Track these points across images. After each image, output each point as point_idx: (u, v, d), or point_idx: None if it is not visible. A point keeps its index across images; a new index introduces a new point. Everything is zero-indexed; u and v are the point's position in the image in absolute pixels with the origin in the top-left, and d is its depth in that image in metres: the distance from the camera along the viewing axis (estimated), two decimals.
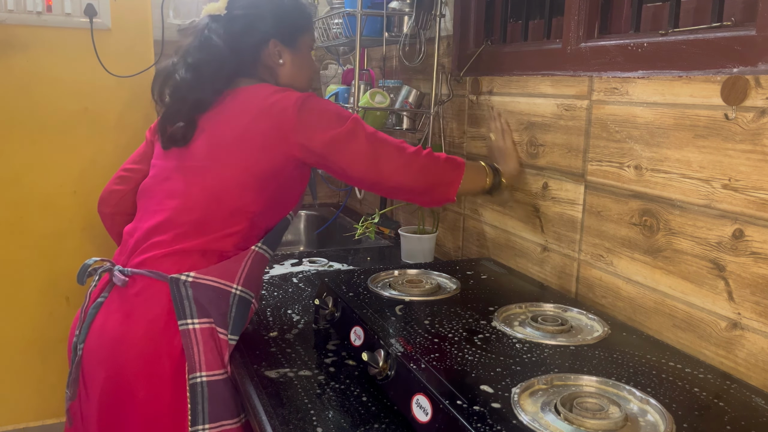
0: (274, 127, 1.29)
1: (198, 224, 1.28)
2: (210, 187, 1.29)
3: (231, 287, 1.29)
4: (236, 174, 1.29)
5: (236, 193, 1.29)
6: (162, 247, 1.28)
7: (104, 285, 1.32)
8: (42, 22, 2.09)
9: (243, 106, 1.33)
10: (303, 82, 1.48)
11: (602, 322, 1.20)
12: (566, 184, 1.47)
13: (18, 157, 2.14)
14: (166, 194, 1.33)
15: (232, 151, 1.30)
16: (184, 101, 1.34)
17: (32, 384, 2.24)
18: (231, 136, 1.30)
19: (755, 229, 1.04)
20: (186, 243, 1.28)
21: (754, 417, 0.89)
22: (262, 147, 1.29)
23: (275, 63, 1.42)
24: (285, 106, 1.29)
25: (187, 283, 1.24)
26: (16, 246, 2.18)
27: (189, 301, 1.24)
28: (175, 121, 1.35)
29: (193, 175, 1.31)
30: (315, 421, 1.02)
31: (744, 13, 1.11)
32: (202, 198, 1.29)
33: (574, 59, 1.42)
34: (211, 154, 1.31)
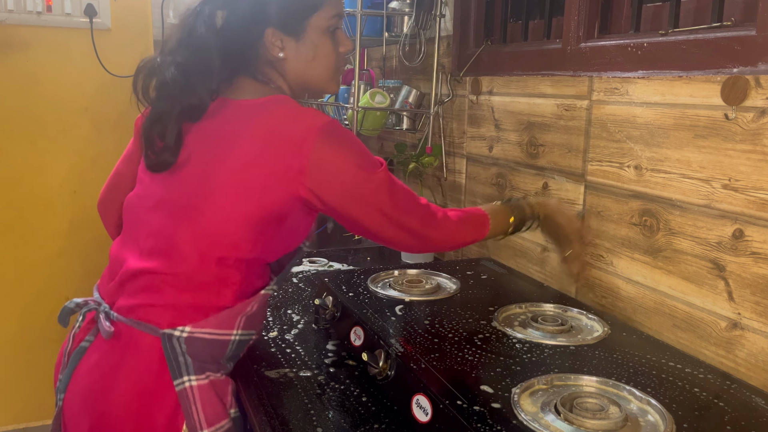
0: (282, 165, 1.04)
1: (189, 278, 1.09)
2: (201, 235, 1.08)
3: (230, 335, 1.12)
4: (232, 220, 1.07)
5: (231, 242, 1.08)
6: (152, 297, 1.10)
7: (89, 326, 1.16)
8: (42, 22, 2.09)
9: (243, 127, 1.09)
10: (320, 77, 1.18)
11: (602, 322, 1.20)
12: (566, 184, 1.47)
13: (18, 157, 2.14)
14: (154, 232, 1.12)
15: (227, 191, 1.07)
16: (174, 101, 1.11)
17: (32, 384, 2.23)
18: (227, 169, 1.07)
19: (755, 229, 1.04)
20: (178, 297, 1.10)
21: (754, 417, 0.89)
22: (265, 188, 1.05)
23: (275, 57, 1.14)
24: (297, 138, 1.04)
25: (182, 338, 1.08)
26: (16, 246, 2.18)
27: (184, 357, 1.08)
28: (162, 126, 1.11)
29: (181, 214, 1.09)
30: (315, 421, 1.02)
31: (744, 13, 1.11)
32: (192, 247, 1.08)
33: (574, 59, 1.42)
34: (202, 189, 1.08)
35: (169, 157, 1.10)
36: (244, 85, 1.15)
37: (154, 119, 1.12)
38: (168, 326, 1.08)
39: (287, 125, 1.06)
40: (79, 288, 2.19)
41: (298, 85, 1.18)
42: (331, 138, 1.04)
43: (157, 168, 1.11)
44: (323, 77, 1.18)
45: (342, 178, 1.05)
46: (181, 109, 1.10)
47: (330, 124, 1.05)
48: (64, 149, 2.18)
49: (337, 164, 1.04)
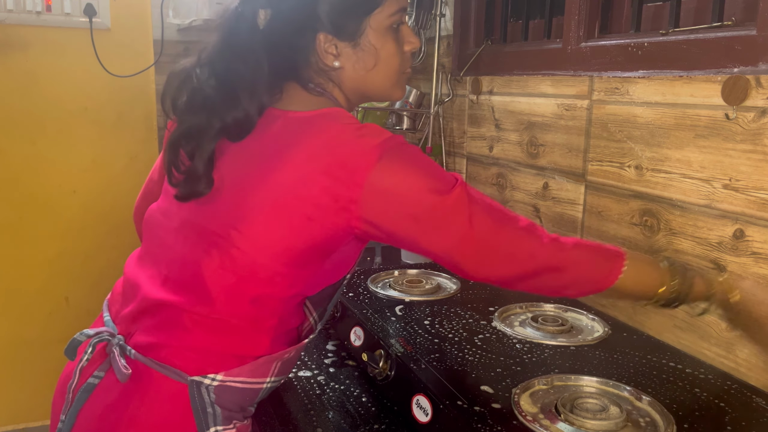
0: (330, 193, 0.87)
1: (219, 320, 0.94)
2: (231, 269, 0.92)
3: (263, 383, 0.98)
4: (268, 253, 0.91)
5: (267, 278, 0.92)
6: (177, 336, 0.95)
7: (98, 359, 0.98)
8: (41, 21, 2.08)
9: (288, 146, 0.91)
10: (383, 84, 1.01)
11: (603, 323, 1.20)
12: (567, 184, 1.47)
13: (18, 157, 2.14)
14: (178, 259, 0.96)
15: (264, 219, 0.90)
16: (213, 116, 0.94)
17: (32, 384, 2.23)
18: (266, 194, 0.90)
19: (756, 229, 1.04)
20: (208, 340, 0.94)
21: (754, 417, 0.89)
22: (309, 218, 0.88)
23: (330, 66, 0.97)
24: (349, 163, 0.87)
25: (212, 387, 0.93)
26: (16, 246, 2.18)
27: (213, 407, 0.94)
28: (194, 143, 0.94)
29: (209, 244, 0.93)
30: (315, 421, 1.02)
31: (744, 12, 1.11)
32: (221, 284, 0.92)
33: (574, 59, 1.42)
34: (235, 216, 0.92)
35: (203, 188, 0.93)
36: (293, 93, 0.98)
37: (184, 134, 0.95)
38: (197, 372, 0.92)
39: (339, 146, 0.88)
40: (79, 288, 2.19)
41: (357, 95, 1.02)
42: (391, 159, 0.87)
43: (187, 198, 0.95)
44: (386, 84, 1.01)
45: (408, 205, 0.87)
46: (221, 126, 0.93)
47: (388, 142, 0.88)
48: (63, 149, 2.18)
49: (401, 189, 0.87)
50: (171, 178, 0.96)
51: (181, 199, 0.94)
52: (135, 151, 2.21)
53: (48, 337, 2.22)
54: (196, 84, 0.96)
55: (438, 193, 0.87)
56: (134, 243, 1.18)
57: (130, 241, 2.13)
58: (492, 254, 0.89)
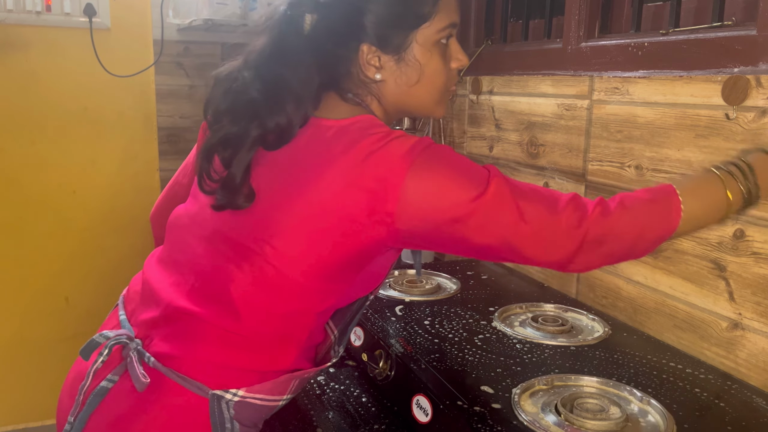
0: (365, 207, 0.84)
1: (244, 338, 0.91)
2: (263, 289, 0.89)
3: (279, 400, 0.96)
4: (303, 271, 0.88)
5: (300, 293, 0.90)
6: (200, 348, 0.92)
7: (112, 362, 0.95)
8: (41, 21, 2.08)
9: (321, 157, 0.88)
10: (425, 101, 0.98)
11: (603, 323, 1.20)
12: (567, 184, 1.47)
13: (17, 157, 2.14)
14: (206, 270, 0.93)
15: (298, 233, 0.87)
16: (253, 123, 0.90)
17: (32, 384, 2.23)
18: (300, 206, 0.87)
19: (756, 229, 1.04)
20: (232, 356, 0.92)
21: (754, 417, 0.89)
22: (345, 233, 0.86)
23: (371, 78, 0.94)
24: (382, 174, 0.84)
25: (232, 402, 0.91)
26: (16, 246, 2.18)
27: (231, 423, 0.92)
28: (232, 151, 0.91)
29: (240, 257, 0.90)
30: (315, 421, 1.02)
31: (745, 12, 1.11)
32: (251, 300, 0.90)
33: (574, 59, 1.42)
34: (268, 229, 0.89)
35: (242, 201, 0.90)
36: (330, 102, 0.95)
37: (222, 141, 0.92)
38: (218, 386, 0.90)
39: (371, 158, 0.85)
40: (79, 288, 2.19)
41: (396, 109, 0.98)
42: (422, 166, 0.84)
43: (223, 208, 0.91)
44: (428, 101, 0.97)
45: (446, 210, 0.84)
46: (261, 133, 0.90)
47: (417, 146, 0.85)
48: (63, 149, 2.18)
49: (437, 195, 0.84)
50: (203, 185, 0.93)
51: (216, 209, 0.91)
52: (135, 151, 2.21)
53: (48, 337, 2.22)
54: (240, 87, 0.92)
55: (475, 192, 0.84)
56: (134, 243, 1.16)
57: (130, 241, 2.14)
58: (548, 236, 0.86)
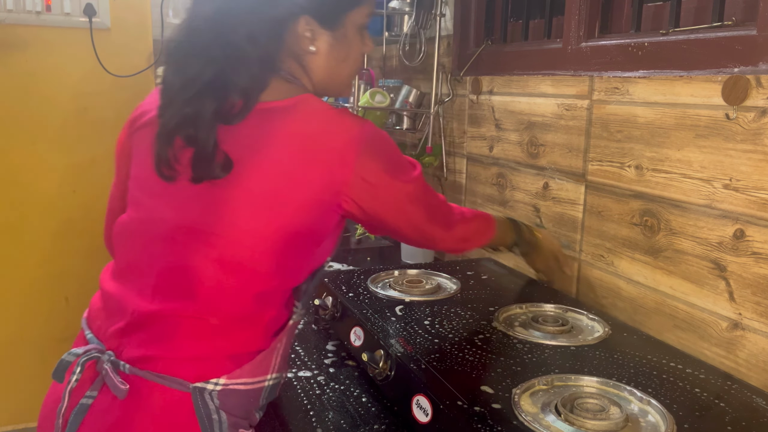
0: (323, 178, 0.90)
1: (221, 322, 0.92)
2: (229, 268, 0.90)
3: (264, 381, 0.97)
4: (266, 246, 0.90)
5: (268, 271, 0.92)
6: (174, 346, 0.92)
7: (88, 379, 0.94)
8: (41, 21, 2.08)
9: (271, 135, 0.91)
10: (345, 79, 1.06)
11: (603, 323, 1.19)
12: (567, 184, 1.47)
13: (17, 156, 2.14)
14: (167, 266, 0.93)
15: (257, 211, 0.90)
16: (206, 101, 0.90)
17: (32, 384, 2.23)
18: (254, 185, 0.90)
19: (756, 229, 1.04)
20: (208, 345, 0.92)
21: (754, 417, 0.89)
22: (302, 204, 0.90)
23: (304, 50, 0.98)
24: (339, 147, 0.90)
25: (215, 392, 0.91)
26: (16, 246, 2.18)
27: (218, 413, 0.92)
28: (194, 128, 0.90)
29: (200, 244, 0.90)
30: (314, 421, 1.02)
31: (745, 12, 1.11)
32: (219, 284, 0.91)
33: (574, 59, 1.42)
34: (225, 211, 0.90)
35: (219, 171, 0.89)
36: (272, 84, 0.96)
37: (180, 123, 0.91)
38: (198, 379, 0.90)
39: (326, 132, 0.92)
40: (79, 288, 2.19)
41: (323, 85, 1.04)
42: (373, 144, 0.94)
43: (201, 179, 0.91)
44: (347, 80, 1.07)
45: (384, 186, 0.95)
46: (218, 106, 0.91)
47: (370, 129, 0.94)
48: (63, 149, 2.18)
49: (380, 172, 0.94)
50: (163, 171, 0.92)
51: (195, 181, 0.91)
52: None
53: (48, 337, 2.22)
54: (190, 61, 0.93)
55: (405, 176, 0.99)
56: None
57: None
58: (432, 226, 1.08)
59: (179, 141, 0.91)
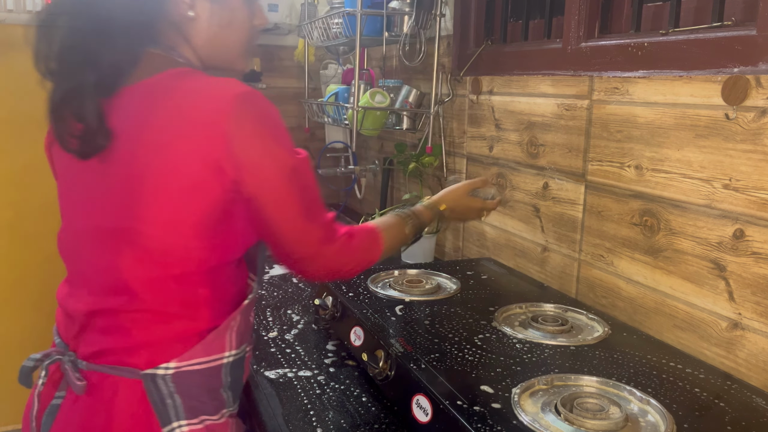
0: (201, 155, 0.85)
1: (155, 310, 0.92)
2: (147, 259, 0.90)
3: (222, 358, 0.95)
4: (178, 234, 0.89)
5: (183, 256, 0.90)
6: (122, 338, 0.93)
7: (56, 380, 0.98)
8: None
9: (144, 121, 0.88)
10: (233, 48, 1.01)
11: (603, 323, 1.20)
12: (567, 184, 1.47)
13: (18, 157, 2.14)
14: (100, 267, 0.94)
15: (160, 203, 0.88)
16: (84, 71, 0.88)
17: None
18: (148, 178, 0.87)
19: (756, 229, 1.04)
20: (151, 333, 0.92)
21: (754, 417, 0.89)
22: (194, 187, 0.87)
23: (183, 15, 0.94)
24: (209, 117, 0.85)
25: (168, 377, 0.91)
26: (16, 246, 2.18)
27: (173, 399, 0.91)
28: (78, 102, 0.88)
29: (120, 243, 0.91)
30: (315, 421, 1.02)
31: (744, 12, 1.11)
32: (143, 276, 0.90)
33: (574, 59, 1.42)
34: (134, 211, 0.89)
35: (101, 140, 0.88)
36: (145, 59, 0.92)
37: (63, 98, 0.90)
38: (148, 365, 0.91)
39: (195, 103, 0.86)
40: None
41: (207, 54, 0.99)
42: (249, 110, 0.86)
43: (87, 154, 0.91)
44: (235, 49, 1.01)
45: (261, 155, 0.87)
46: (97, 78, 0.88)
47: (247, 94, 0.87)
48: None
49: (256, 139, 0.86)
50: (66, 144, 0.92)
51: (82, 156, 0.91)
52: None
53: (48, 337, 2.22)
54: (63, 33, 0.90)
55: (288, 152, 0.89)
56: None
57: None
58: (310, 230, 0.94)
59: (69, 117, 0.90)
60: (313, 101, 2.38)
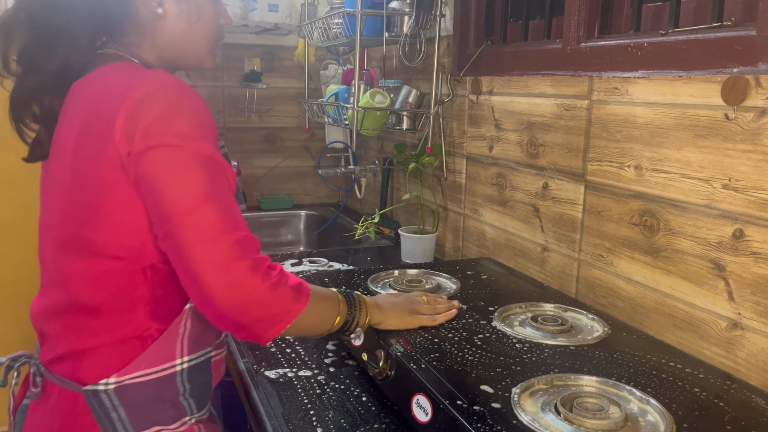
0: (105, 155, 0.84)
1: (93, 313, 0.90)
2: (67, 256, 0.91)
3: (174, 366, 0.92)
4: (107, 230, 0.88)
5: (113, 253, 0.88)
6: (62, 345, 0.92)
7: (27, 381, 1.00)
8: None
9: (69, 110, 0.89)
10: (200, 46, 1.00)
11: (602, 322, 1.20)
12: (566, 184, 1.47)
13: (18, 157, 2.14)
14: (47, 268, 0.96)
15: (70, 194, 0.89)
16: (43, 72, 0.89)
17: None
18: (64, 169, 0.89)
19: (755, 229, 1.04)
20: (87, 340, 0.91)
21: (754, 417, 0.89)
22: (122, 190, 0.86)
23: (151, 14, 0.94)
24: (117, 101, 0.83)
25: (110, 391, 0.89)
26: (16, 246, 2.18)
27: (117, 412, 0.90)
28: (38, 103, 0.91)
29: (46, 235, 0.93)
30: (315, 421, 1.02)
31: (744, 13, 1.11)
32: (83, 279, 0.90)
33: (574, 59, 1.42)
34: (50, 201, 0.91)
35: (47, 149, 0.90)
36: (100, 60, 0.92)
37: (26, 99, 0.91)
38: (92, 380, 0.90)
39: (106, 96, 0.85)
40: None
41: (172, 53, 0.98)
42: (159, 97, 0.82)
43: (34, 160, 0.92)
44: (202, 47, 1.00)
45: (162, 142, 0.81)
46: (41, 80, 0.89)
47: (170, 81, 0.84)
48: None
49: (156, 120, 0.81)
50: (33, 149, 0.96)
51: (29, 161, 0.94)
52: None
53: None
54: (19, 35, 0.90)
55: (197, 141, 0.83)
56: None
57: None
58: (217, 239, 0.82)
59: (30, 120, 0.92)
60: (313, 101, 2.38)
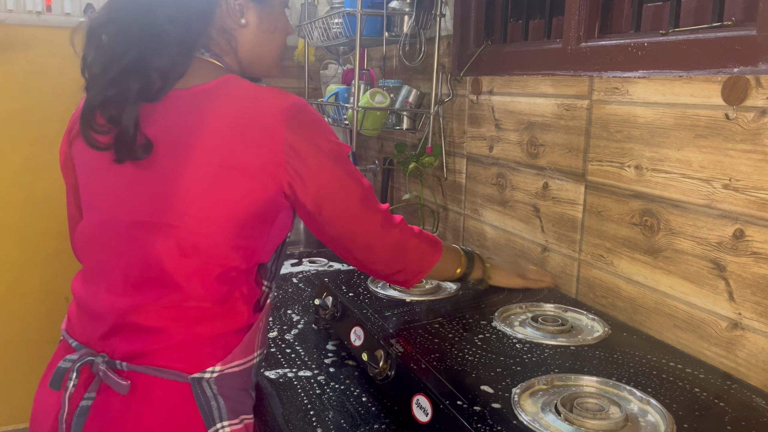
0: (259, 160, 0.90)
1: (196, 307, 0.93)
2: (193, 255, 0.92)
3: (253, 359, 1.00)
4: (223, 231, 0.92)
5: (226, 254, 0.93)
6: (163, 337, 0.94)
7: (85, 382, 0.95)
8: (42, 21, 2.09)
9: (200, 121, 0.91)
10: (274, 55, 1.08)
11: (602, 322, 1.20)
12: (566, 184, 1.47)
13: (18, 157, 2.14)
14: (136, 261, 0.94)
15: (212, 201, 0.90)
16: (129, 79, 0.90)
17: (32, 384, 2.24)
18: (202, 176, 0.90)
19: (756, 229, 1.04)
20: (194, 332, 0.94)
21: (754, 417, 0.89)
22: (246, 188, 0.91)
23: (235, 23, 0.99)
24: (266, 125, 0.90)
25: (212, 380, 0.94)
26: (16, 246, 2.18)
27: (217, 401, 0.94)
28: (116, 109, 0.90)
29: (163, 237, 0.91)
30: (315, 421, 1.02)
31: (744, 12, 1.11)
32: (186, 272, 0.92)
33: (574, 59, 1.42)
34: (175, 202, 0.91)
35: (141, 153, 0.90)
36: (195, 65, 0.96)
37: (103, 102, 0.91)
38: (195, 369, 0.93)
39: (252, 110, 0.92)
40: None
41: (249, 61, 1.05)
42: (301, 117, 0.92)
43: (123, 160, 0.91)
44: (275, 56, 1.08)
45: (318, 157, 0.93)
46: (142, 86, 0.90)
47: (296, 102, 0.93)
48: None
49: (312, 145, 0.93)
50: (93, 142, 0.93)
51: (118, 161, 0.92)
52: None
53: (48, 337, 2.22)
54: (113, 40, 0.92)
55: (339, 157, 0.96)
56: None
57: None
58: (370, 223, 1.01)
59: (101, 120, 0.92)
60: (313, 101, 2.38)
